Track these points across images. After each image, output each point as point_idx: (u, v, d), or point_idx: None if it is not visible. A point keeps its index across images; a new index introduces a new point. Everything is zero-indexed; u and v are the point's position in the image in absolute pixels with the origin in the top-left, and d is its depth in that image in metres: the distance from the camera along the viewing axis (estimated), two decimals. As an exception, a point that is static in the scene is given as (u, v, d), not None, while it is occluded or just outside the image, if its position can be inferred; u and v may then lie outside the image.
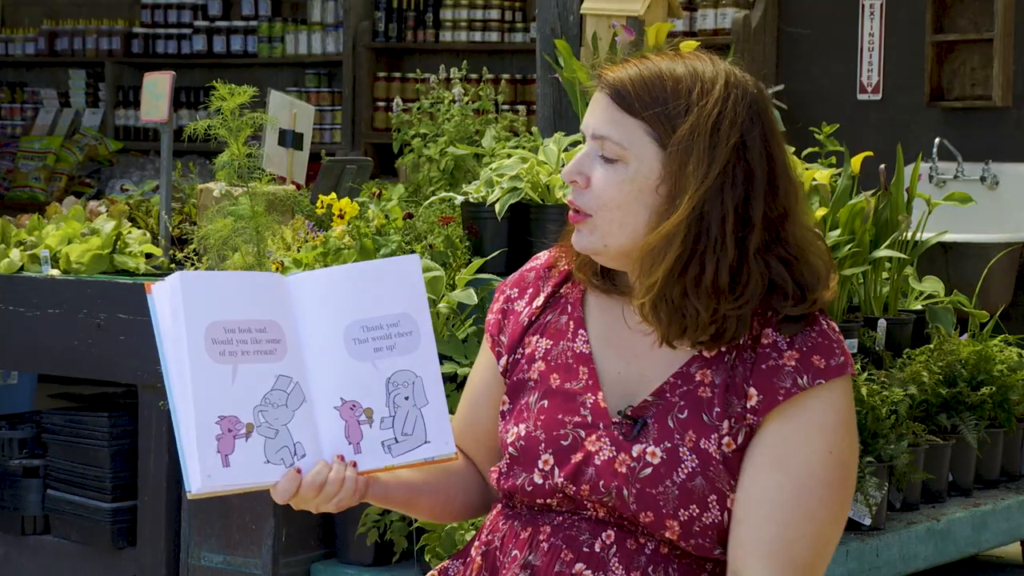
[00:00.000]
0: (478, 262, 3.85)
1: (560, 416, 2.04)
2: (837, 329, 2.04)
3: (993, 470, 4.55)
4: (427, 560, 3.56)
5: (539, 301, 2.14)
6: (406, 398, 2.02)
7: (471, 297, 3.70)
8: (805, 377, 1.98)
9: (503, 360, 2.14)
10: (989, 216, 6.23)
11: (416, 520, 3.63)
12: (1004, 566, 4.84)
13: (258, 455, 1.94)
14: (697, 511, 1.97)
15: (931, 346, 4.39)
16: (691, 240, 1.95)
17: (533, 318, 2.13)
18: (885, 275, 4.47)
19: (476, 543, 2.11)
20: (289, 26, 9.00)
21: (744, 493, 1.97)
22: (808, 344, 2.00)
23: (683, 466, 1.97)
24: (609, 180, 1.99)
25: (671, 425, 1.99)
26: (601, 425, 2.02)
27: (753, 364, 1.99)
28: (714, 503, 1.97)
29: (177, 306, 1.94)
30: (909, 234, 4.44)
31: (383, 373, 2.02)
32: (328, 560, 3.90)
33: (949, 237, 4.89)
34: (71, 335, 4.14)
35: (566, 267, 2.14)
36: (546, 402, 2.06)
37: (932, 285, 4.68)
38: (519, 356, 2.12)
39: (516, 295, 2.17)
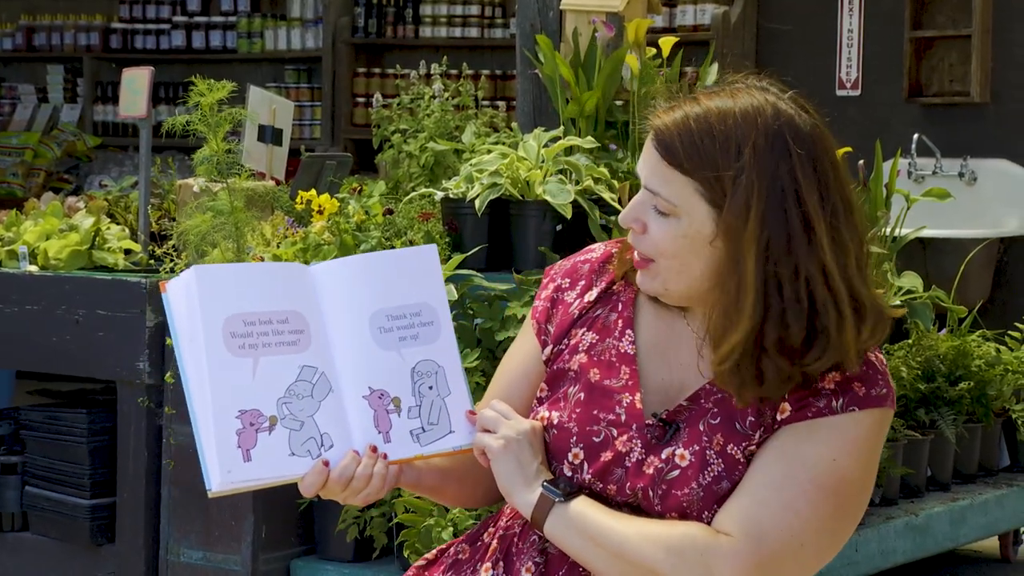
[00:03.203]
0: (458, 258, 3.85)
1: (595, 412, 2.02)
2: (884, 362, 1.99)
3: (971, 465, 4.57)
4: (406, 556, 3.56)
5: (591, 295, 2.11)
6: (430, 387, 2.00)
7: (451, 293, 3.69)
8: (840, 400, 1.94)
9: (548, 349, 2.11)
10: (967, 212, 6.25)
11: (395, 516, 3.63)
12: (982, 560, 4.86)
13: (283, 448, 1.92)
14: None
15: (910, 341, 4.41)
16: (762, 305, 1.90)
17: (583, 311, 2.10)
18: (864, 271, 4.47)
19: (491, 528, 2.10)
20: (268, 22, 8.98)
21: (745, 475, 1.96)
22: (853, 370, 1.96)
23: (710, 469, 1.96)
24: (664, 232, 1.96)
25: (701, 429, 1.98)
26: (634, 426, 2.00)
27: None
28: None
29: (193, 301, 1.91)
30: (888, 230, 4.46)
31: (408, 362, 2.00)
32: (308, 556, 3.90)
33: (928, 233, 4.90)
34: (49, 331, 4.12)
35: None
36: (583, 395, 2.04)
37: (911, 280, 4.69)
38: (563, 347, 2.09)
39: (567, 285, 2.13)
